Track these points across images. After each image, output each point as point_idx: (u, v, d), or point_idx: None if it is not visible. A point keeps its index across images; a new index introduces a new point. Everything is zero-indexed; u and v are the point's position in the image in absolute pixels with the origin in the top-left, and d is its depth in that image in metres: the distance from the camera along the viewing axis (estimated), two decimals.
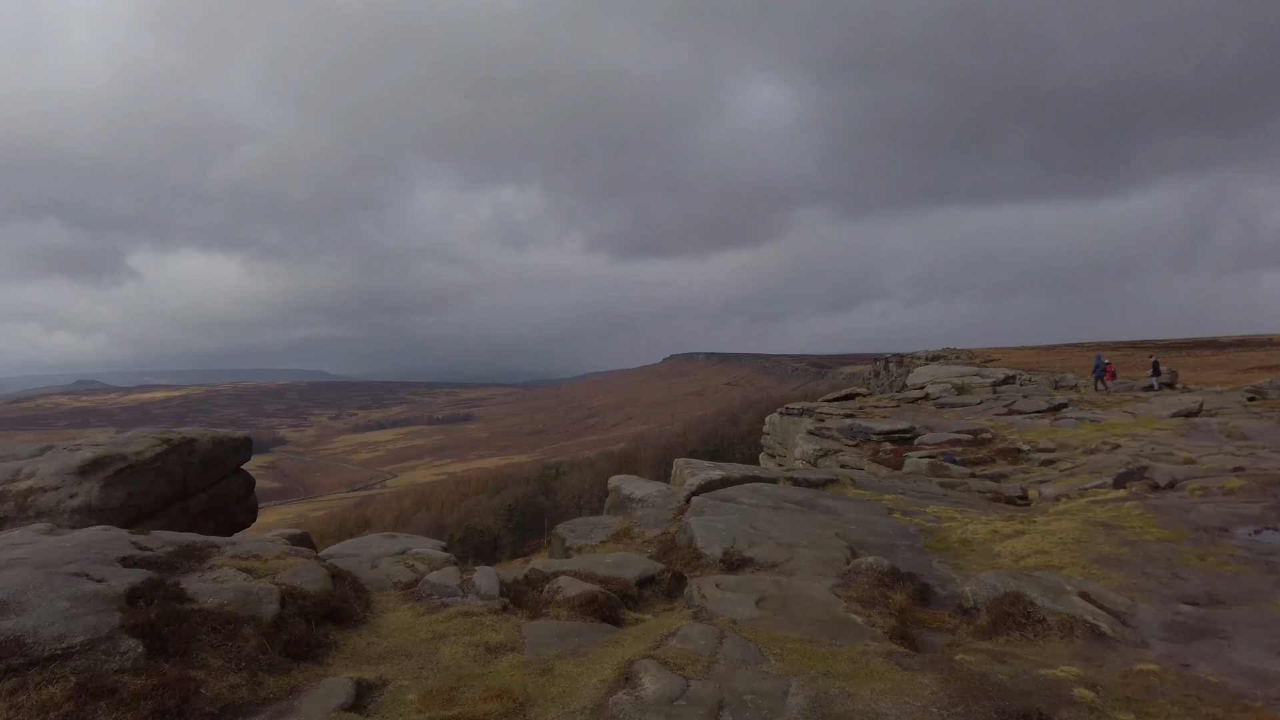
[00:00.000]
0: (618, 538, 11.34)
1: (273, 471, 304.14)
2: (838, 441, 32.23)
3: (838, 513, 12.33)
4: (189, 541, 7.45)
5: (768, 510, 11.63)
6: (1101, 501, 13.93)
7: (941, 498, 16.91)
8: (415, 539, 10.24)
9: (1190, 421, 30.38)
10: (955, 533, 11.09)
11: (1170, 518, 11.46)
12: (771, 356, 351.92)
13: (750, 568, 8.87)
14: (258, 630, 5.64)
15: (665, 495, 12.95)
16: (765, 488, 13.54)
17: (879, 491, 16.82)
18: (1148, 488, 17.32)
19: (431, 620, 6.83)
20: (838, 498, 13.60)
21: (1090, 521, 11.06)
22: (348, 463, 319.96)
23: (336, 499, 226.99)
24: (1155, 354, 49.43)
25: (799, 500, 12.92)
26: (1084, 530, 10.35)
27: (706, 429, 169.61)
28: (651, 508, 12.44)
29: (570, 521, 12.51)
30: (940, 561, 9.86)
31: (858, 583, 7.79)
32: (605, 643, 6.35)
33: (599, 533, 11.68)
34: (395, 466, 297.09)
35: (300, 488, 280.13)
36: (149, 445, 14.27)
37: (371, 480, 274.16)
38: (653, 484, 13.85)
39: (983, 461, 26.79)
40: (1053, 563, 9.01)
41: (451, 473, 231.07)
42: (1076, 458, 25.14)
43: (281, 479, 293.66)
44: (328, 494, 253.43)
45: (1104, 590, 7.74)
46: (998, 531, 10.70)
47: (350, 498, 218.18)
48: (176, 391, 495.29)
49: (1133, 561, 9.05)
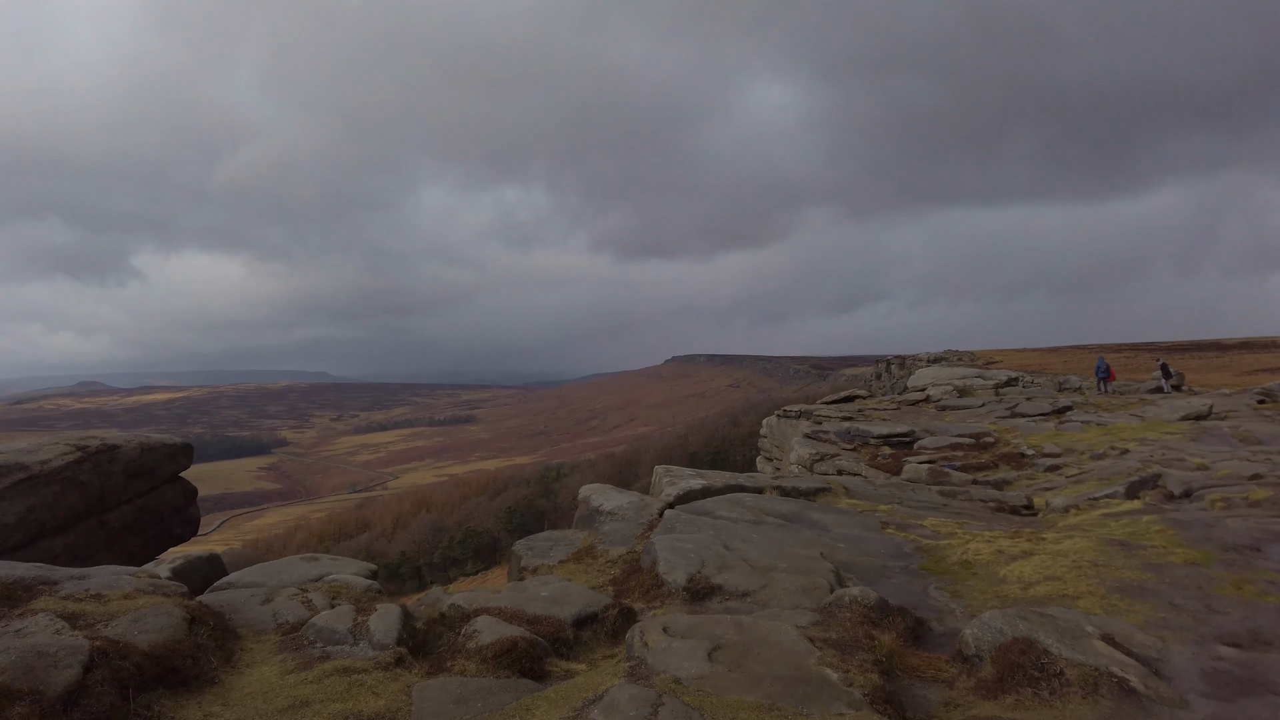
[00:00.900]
0: (579, 556, 10.16)
1: (274, 473, 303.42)
2: (834, 445, 31.06)
3: (825, 527, 11.14)
4: (16, 577, 6.17)
5: (747, 525, 10.44)
6: (1116, 514, 12.72)
7: (941, 508, 15.73)
8: (340, 561, 9.00)
9: (1200, 425, 29.19)
10: (955, 552, 9.90)
11: (1195, 535, 10.26)
12: (773, 358, 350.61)
13: (718, 597, 7.68)
14: (35, 710, 4.25)
15: (637, 508, 11.76)
16: (748, 499, 12.35)
17: (873, 501, 15.65)
18: (1163, 497, 16.13)
19: (299, 680, 5.44)
20: (827, 509, 12.40)
21: (1106, 539, 9.87)
22: (349, 464, 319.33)
23: (338, 501, 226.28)
24: (1160, 356, 48.22)
25: (784, 513, 11.73)
26: (1100, 550, 9.17)
27: (707, 431, 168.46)
28: (621, 521, 11.26)
29: (531, 537, 11.31)
30: (938, 588, 8.67)
31: (839, 620, 6.59)
32: (512, 711, 5.10)
33: (560, 550, 10.48)
34: (396, 468, 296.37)
35: (302, 489, 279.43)
36: (58, 453, 12.97)
37: (373, 482, 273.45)
38: (626, 494, 12.68)
39: (985, 467, 25.61)
40: (1067, 591, 7.82)
41: (453, 474, 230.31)
42: (1084, 463, 23.96)
43: (283, 480, 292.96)
44: (329, 495, 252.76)
45: (1130, 629, 6.53)
46: (1003, 552, 9.49)
47: (351, 499, 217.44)
48: (179, 393, 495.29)
49: (1159, 590, 7.85)
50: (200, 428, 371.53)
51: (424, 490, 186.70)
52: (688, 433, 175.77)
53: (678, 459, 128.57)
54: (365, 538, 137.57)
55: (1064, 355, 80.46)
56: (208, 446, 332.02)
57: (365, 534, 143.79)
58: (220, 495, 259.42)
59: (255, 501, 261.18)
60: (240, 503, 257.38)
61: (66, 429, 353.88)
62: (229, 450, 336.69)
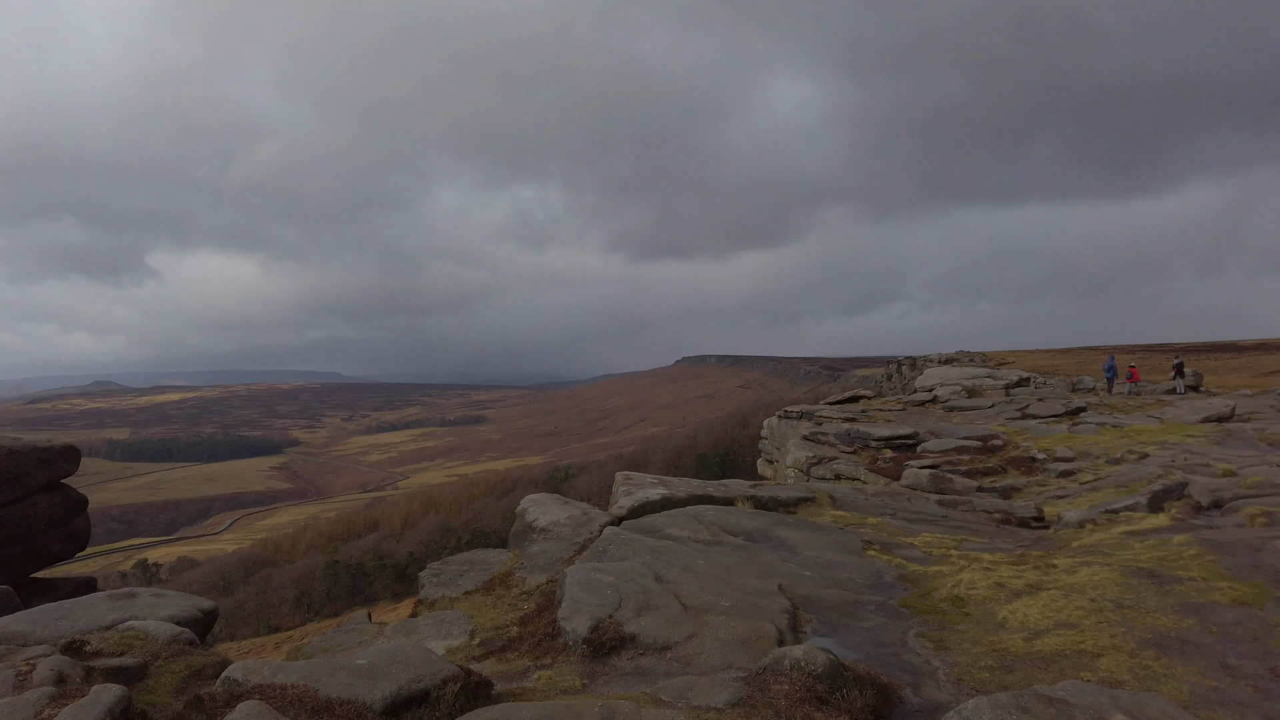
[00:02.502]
0: (492, 586, 8.39)
1: (285, 473, 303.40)
2: (834, 448, 29.20)
3: (795, 549, 9.33)
4: None
5: (698, 548, 8.66)
6: (1140, 532, 10.85)
7: (939, 520, 13.89)
8: (164, 599, 7.16)
9: (1224, 427, 27.19)
10: (946, 582, 8.08)
11: (1239, 561, 8.42)
12: (784, 359, 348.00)
13: (628, 651, 5.91)
14: None
15: (576, 524, 9.98)
16: (710, 513, 10.54)
17: (862, 513, 13.83)
18: (1190, 509, 14.23)
19: None
20: (801, 526, 10.57)
21: (1131, 567, 8.03)
22: (360, 464, 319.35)
23: (348, 500, 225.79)
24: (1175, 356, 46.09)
25: (750, 530, 9.94)
26: (1124, 584, 7.34)
27: (716, 431, 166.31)
28: (553, 541, 9.49)
29: (442, 561, 9.50)
30: (920, 634, 6.85)
31: (771, 696, 4.80)
32: None
33: (472, 576, 8.72)
34: (407, 468, 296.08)
35: (313, 489, 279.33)
36: None
37: (383, 481, 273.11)
38: (570, 507, 10.89)
39: (993, 472, 23.73)
40: (1085, 645, 6.00)
41: (462, 474, 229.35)
42: (1100, 468, 22.06)
43: (294, 480, 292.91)
44: (340, 495, 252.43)
45: (1174, 712, 4.70)
46: (1003, 585, 7.65)
47: (361, 499, 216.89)
48: (191, 393, 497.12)
49: (1206, 644, 6.02)
50: (213, 427, 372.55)
51: (433, 490, 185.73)
52: (696, 434, 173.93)
53: (686, 460, 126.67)
54: (373, 537, 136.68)
55: (1078, 356, 78.16)
56: (220, 446, 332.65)
57: (374, 534, 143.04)
58: (232, 495, 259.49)
59: (266, 501, 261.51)
60: (251, 502, 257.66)
61: (80, 429, 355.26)
62: (241, 450, 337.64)
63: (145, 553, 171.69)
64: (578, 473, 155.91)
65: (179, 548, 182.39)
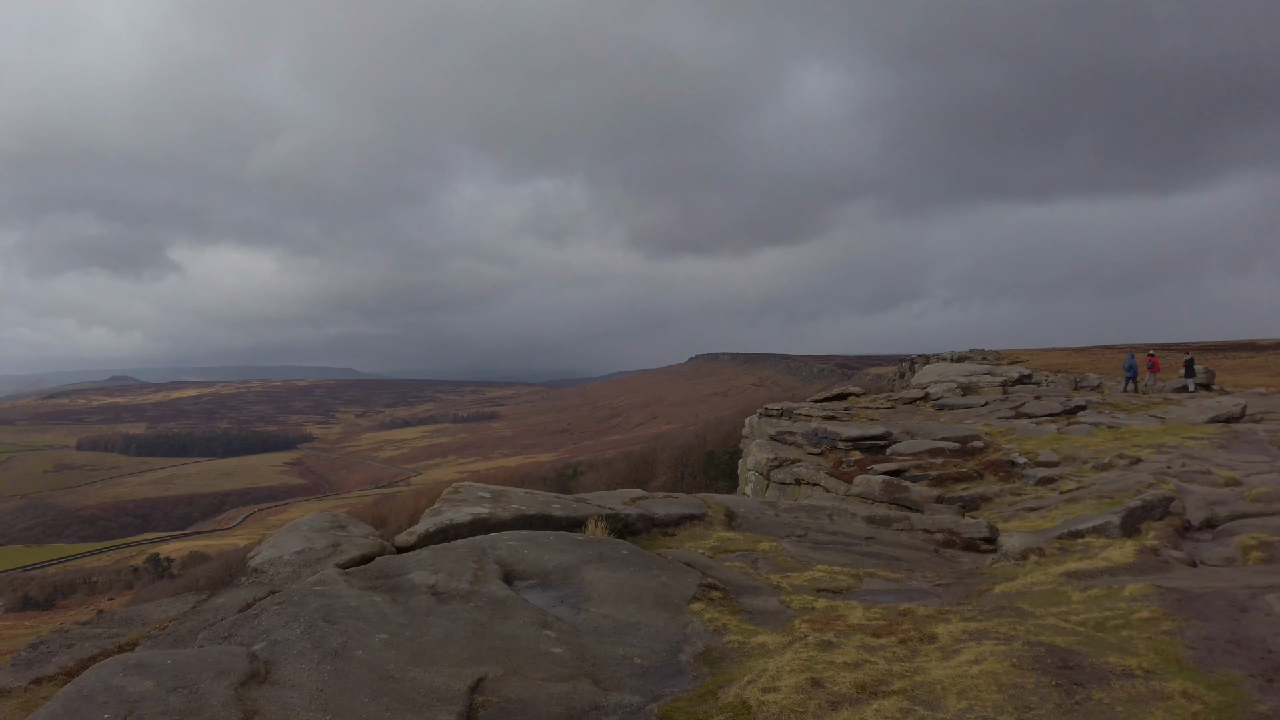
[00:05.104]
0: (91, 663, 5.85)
1: (299, 468, 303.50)
2: (800, 449, 26.60)
3: (586, 600, 6.58)
4: None
5: (397, 614, 5.88)
6: (1089, 574, 8.17)
7: (854, 545, 11.24)
8: None
9: (1232, 429, 24.36)
10: (749, 672, 5.23)
11: (1210, 631, 5.73)
12: (798, 357, 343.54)
13: None
14: None
15: (304, 562, 7.33)
16: (511, 544, 7.87)
17: (759, 535, 11.24)
18: (1173, 532, 11.49)
19: None
20: (627, 562, 7.85)
21: (1040, 649, 5.26)
22: (373, 460, 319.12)
23: (359, 496, 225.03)
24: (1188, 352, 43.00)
25: (548, 570, 7.30)
26: (1012, 688, 4.61)
27: (725, 429, 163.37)
28: (248, 589, 6.82)
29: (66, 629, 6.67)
30: None
31: None
32: None
33: (74, 650, 5.94)
34: (419, 464, 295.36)
35: (326, 485, 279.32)
36: None
37: (395, 477, 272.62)
38: (323, 536, 8.20)
39: (966, 478, 21.01)
40: None
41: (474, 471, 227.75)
42: (1084, 474, 19.30)
43: (307, 476, 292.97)
44: (352, 491, 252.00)
45: None
46: (821, 685, 4.75)
47: (373, 495, 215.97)
48: (207, 389, 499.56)
49: None
50: (228, 423, 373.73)
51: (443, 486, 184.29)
52: (705, 431, 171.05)
53: (694, 459, 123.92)
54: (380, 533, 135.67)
55: (1092, 355, 74.85)
56: (235, 441, 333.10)
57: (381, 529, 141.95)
58: (245, 490, 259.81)
59: (279, 496, 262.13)
60: (265, 497, 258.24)
61: (97, 423, 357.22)
62: (255, 445, 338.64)
63: (158, 547, 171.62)
64: (586, 470, 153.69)
65: (191, 542, 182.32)
